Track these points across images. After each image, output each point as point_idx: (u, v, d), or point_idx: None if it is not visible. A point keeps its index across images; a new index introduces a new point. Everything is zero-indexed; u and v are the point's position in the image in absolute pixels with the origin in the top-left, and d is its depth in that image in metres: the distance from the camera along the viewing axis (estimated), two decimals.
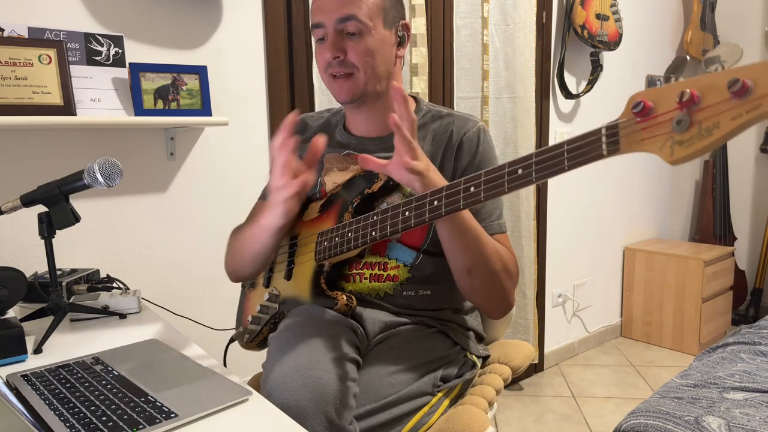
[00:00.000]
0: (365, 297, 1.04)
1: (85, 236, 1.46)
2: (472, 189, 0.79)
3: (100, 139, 1.46)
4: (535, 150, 0.72)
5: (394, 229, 0.89)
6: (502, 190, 0.75)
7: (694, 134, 0.58)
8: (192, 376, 0.79)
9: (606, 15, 2.63)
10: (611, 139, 0.65)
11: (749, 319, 3.33)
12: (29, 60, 1.25)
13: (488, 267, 0.94)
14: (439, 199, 0.83)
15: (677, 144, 0.59)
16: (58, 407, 0.70)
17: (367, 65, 0.99)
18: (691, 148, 0.58)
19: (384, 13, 1.00)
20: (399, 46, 1.05)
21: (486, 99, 2.26)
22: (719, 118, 0.56)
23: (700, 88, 0.58)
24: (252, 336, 1.13)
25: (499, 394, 1.07)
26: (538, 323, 2.67)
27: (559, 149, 0.69)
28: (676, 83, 0.60)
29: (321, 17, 0.99)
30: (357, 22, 0.97)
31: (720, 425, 1.09)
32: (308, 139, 1.16)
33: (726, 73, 0.56)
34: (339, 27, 0.98)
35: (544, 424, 2.24)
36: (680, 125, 0.59)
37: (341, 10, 0.97)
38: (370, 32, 0.98)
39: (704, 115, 0.58)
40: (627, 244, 3.19)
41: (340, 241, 0.97)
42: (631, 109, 0.63)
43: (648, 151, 0.62)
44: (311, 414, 0.78)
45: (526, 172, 0.72)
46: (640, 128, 0.63)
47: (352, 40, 0.98)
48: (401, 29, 1.05)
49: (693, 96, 0.58)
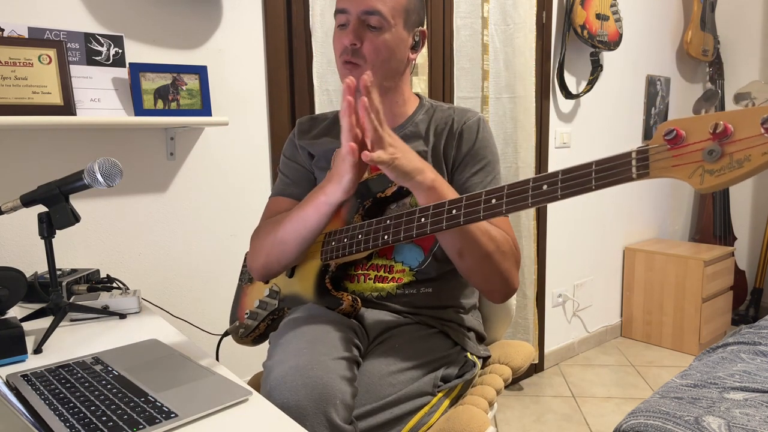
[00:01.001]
0: (367, 297, 1.04)
1: (85, 236, 1.46)
2: (493, 201, 0.79)
3: (100, 139, 1.46)
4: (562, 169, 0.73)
5: (408, 234, 0.88)
6: (526, 204, 0.76)
7: (725, 165, 0.61)
8: (192, 376, 0.79)
9: (606, 15, 2.63)
10: (641, 163, 0.66)
11: (749, 319, 3.33)
12: (29, 60, 1.25)
13: (479, 248, 0.94)
14: (458, 208, 0.83)
15: (708, 173, 0.62)
16: (58, 407, 0.70)
17: (378, 59, 1.01)
18: (722, 178, 0.61)
19: (406, 14, 1.03)
20: (413, 49, 1.08)
21: (486, 99, 2.26)
22: (751, 152, 0.59)
23: (732, 121, 0.60)
24: (247, 331, 1.13)
25: (499, 394, 1.07)
26: (538, 323, 2.66)
27: (587, 169, 0.70)
28: (709, 115, 0.62)
29: (346, 4, 1.02)
30: (380, 17, 1.00)
31: (720, 425, 1.09)
32: (316, 136, 1.16)
33: (759, 110, 0.59)
34: (363, 17, 1.00)
35: (544, 424, 2.24)
36: (712, 156, 0.61)
37: (368, 3, 1.00)
38: (390, 29, 1.01)
39: (736, 147, 0.60)
40: (627, 244, 3.19)
41: (349, 243, 0.97)
42: (663, 136, 0.64)
43: (677, 178, 0.64)
44: (311, 414, 0.78)
45: (551, 189, 0.73)
46: (671, 155, 0.64)
47: (372, 33, 1.01)
48: (418, 35, 1.08)
49: (726, 128, 0.60)
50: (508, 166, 2.36)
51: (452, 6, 2.16)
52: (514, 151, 2.35)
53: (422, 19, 1.09)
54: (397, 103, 1.10)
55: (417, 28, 1.08)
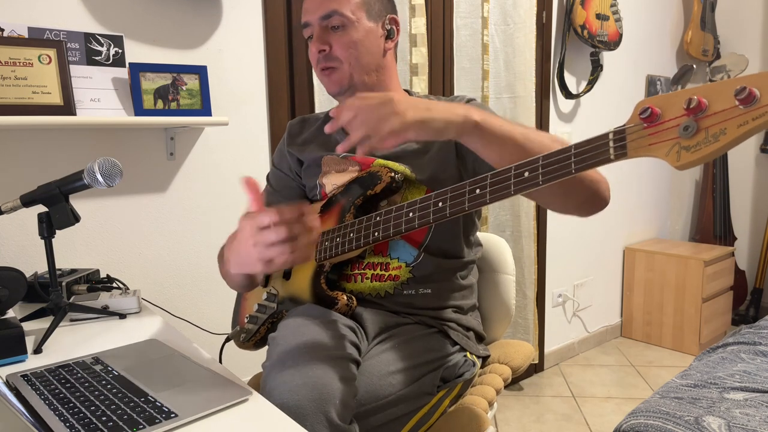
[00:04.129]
0: (366, 297, 1.04)
1: (85, 236, 1.46)
2: (477, 191, 0.79)
3: (100, 139, 1.46)
4: (542, 155, 0.73)
5: (397, 230, 0.89)
6: (508, 193, 0.76)
7: (701, 140, 0.60)
8: (192, 376, 0.79)
9: (606, 15, 2.63)
10: (618, 143, 0.66)
11: (749, 319, 3.33)
12: (29, 60, 1.25)
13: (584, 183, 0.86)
14: (444, 200, 0.83)
15: (684, 149, 0.61)
16: (58, 407, 0.70)
17: (351, 56, 1.02)
18: (698, 153, 0.60)
19: (367, 6, 1.04)
20: (388, 39, 1.08)
21: (486, 99, 2.26)
22: (726, 125, 0.58)
23: (707, 95, 0.60)
24: (249, 335, 1.13)
25: (499, 394, 1.07)
26: (538, 323, 2.66)
27: (567, 152, 0.70)
28: (684, 90, 0.62)
29: (307, 17, 1.04)
30: (339, 16, 1.01)
31: (720, 425, 1.09)
32: (305, 141, 1.16)
33: (733, 82, 0.58)
34: (323, 23, 1.02)
35: (544, 424, 2.24)
36: (687, 131, 0.60)
37: (324, 6, 1.01)
38: (353, 25, 1.02)
39: (711, 121, 0.59)
40: (627, 244, 3.19)
41: (341, 242, 0.97)
42: (638, 115, 0.64)
43: (655, 156, 0.63)
44: (311, 414, 0.78)
45: (533, 175, 0.73)
46: (647, 133, 0.64)
47: (336, 33, 1.02)
48: (389, 23, 1.08)
49: (700, 103, 0.59)
50: None
51: (452, 6, 2.16)
52: None
53: (390, 7, 1.09)
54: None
55: (386, 16, 1.07)
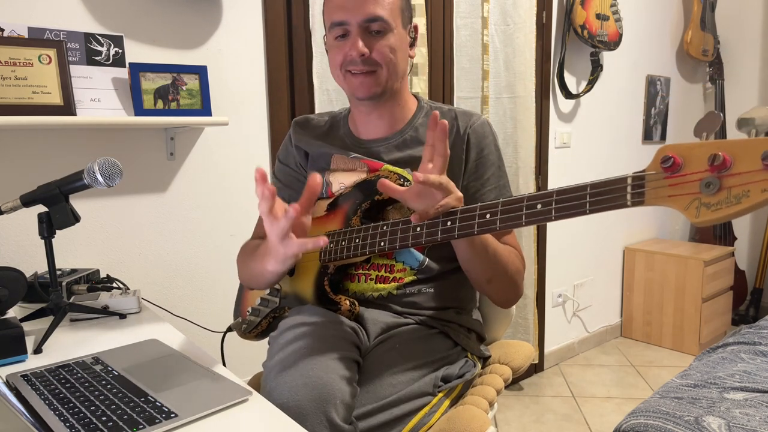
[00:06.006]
0: (368, 297, 1.04)
1: (85, 236, 1.46)
2: (488, 216, 0.79)
3: (100, 139, 1.46)
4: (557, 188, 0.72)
5: (403, 243, 0.89)
6: (520, 223, 0.75)
7: (722, 199, 0.58)
8: (192, 376, 0.79)
9: (606, 15, 2.63)
10: (636, 189, 0.64)
11: (749, 319, 3.33)
12: (29, 60, 1.25)
13: (506, 274, 1.00)
14: (453, 221, 0.83)
15: (704, 206, 0.59)
16: (58, 407, 0.70)
17: (390, 63, 1.02)
18: (718, 213, 0.58)
19: (402, 13, 1.04)
20: (411, 46, 1.09)
21: (486, 99, 2.26)
22: (750, 187, 0.56)
23: (732, 152, 0.57)
24: (250, 327, 1.14)
25: (499, 394, 1.07)
26: (538, 323, 2.66)
27: (582, 191, 0.68)
28: (709, 143, 0.59)
29: (345, 16, 0.99)
30: (382, 22, 0.99)
31: (720, 425, 1.09)
32: (314, 136, 1.16)
33: (761, 142, 0.55)
34: (364, 26, 0.99)
35: (544, 424, 2.24)
36: (709, 188, 0.58)
37: (367, 10, 0.98)
38: (393, 31, 1.01)
39: (735, 181, 0.57)
40: (627, 244, 3.18)
41: (347, 246, 0.97)
42: (659, 163, 0.62)
43: (673, 208, 0.62)
44: (311, 414, 0.78)
45: (546, 209, 0.72)
46: (667, 183, 0.62)
47: (376, 38, 1.00)
48: (412, 30, 1.08)
49: (725, 160, 0.57)
50: (508, 166, 2.36)
51: (452, 6, 2.16)
52: (514, 151, 2.35)
53: (411, 15, 1.10)
54: (398, 106, 1.09)
55: (410, 24, 1.08)
